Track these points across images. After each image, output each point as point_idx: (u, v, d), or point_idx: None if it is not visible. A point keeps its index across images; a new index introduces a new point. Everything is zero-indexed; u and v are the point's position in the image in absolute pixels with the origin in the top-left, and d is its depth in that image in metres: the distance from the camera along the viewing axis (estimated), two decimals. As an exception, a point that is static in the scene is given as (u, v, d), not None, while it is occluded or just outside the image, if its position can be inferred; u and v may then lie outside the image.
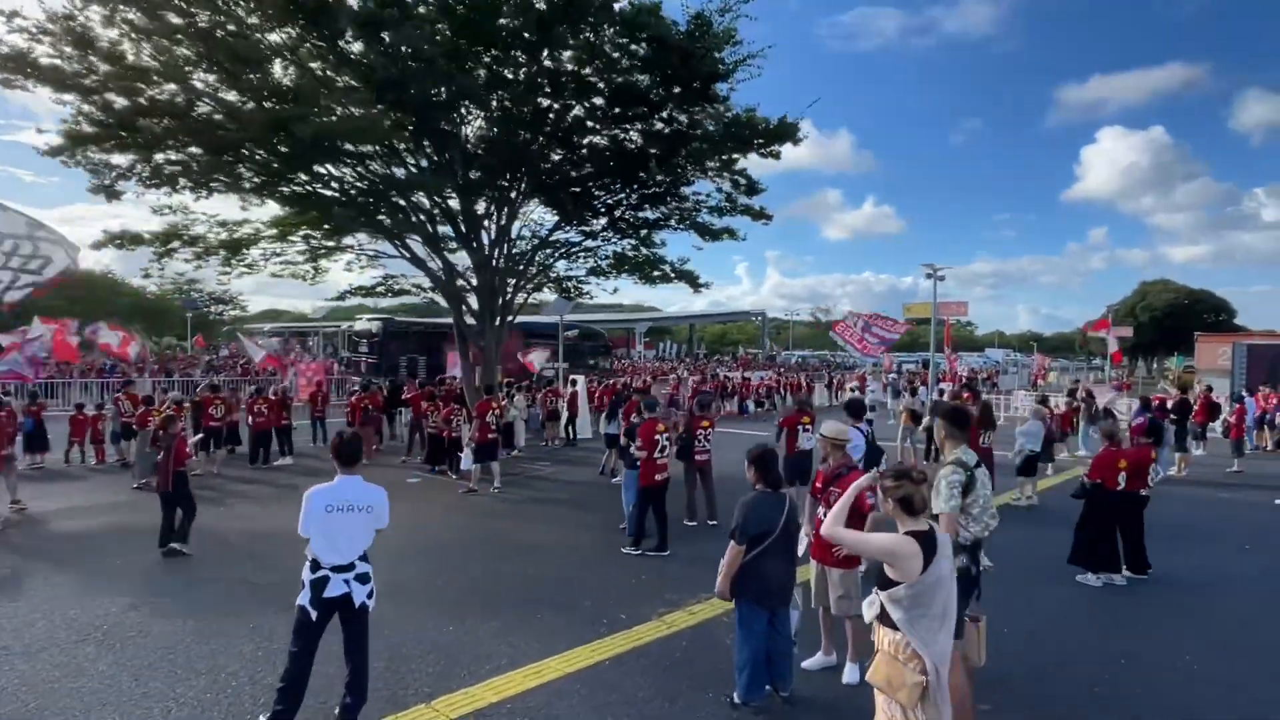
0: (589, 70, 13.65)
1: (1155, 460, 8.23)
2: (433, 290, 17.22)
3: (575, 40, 12.97)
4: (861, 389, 24.22)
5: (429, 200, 15.71)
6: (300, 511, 4.39)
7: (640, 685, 5.12)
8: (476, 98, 13.60)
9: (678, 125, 14.73)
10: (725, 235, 17.26)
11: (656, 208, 17.04)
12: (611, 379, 25.87)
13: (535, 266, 18.22)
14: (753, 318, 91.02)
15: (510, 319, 17.69)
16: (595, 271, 18.80)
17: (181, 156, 13.00)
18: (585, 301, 24.26)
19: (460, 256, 17.05)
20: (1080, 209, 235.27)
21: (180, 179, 13.41)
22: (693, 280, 18.28)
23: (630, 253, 18.09)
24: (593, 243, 18.21)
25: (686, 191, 16.79)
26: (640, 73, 13.66)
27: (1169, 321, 64.70)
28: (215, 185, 13.64)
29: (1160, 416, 12.59)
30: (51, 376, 26.67)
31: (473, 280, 16.81)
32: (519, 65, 13.73)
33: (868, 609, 3.43)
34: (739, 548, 4.61)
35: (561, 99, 14.29)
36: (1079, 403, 17.34)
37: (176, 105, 11.61)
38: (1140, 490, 7.85)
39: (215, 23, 11.66)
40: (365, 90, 12.39)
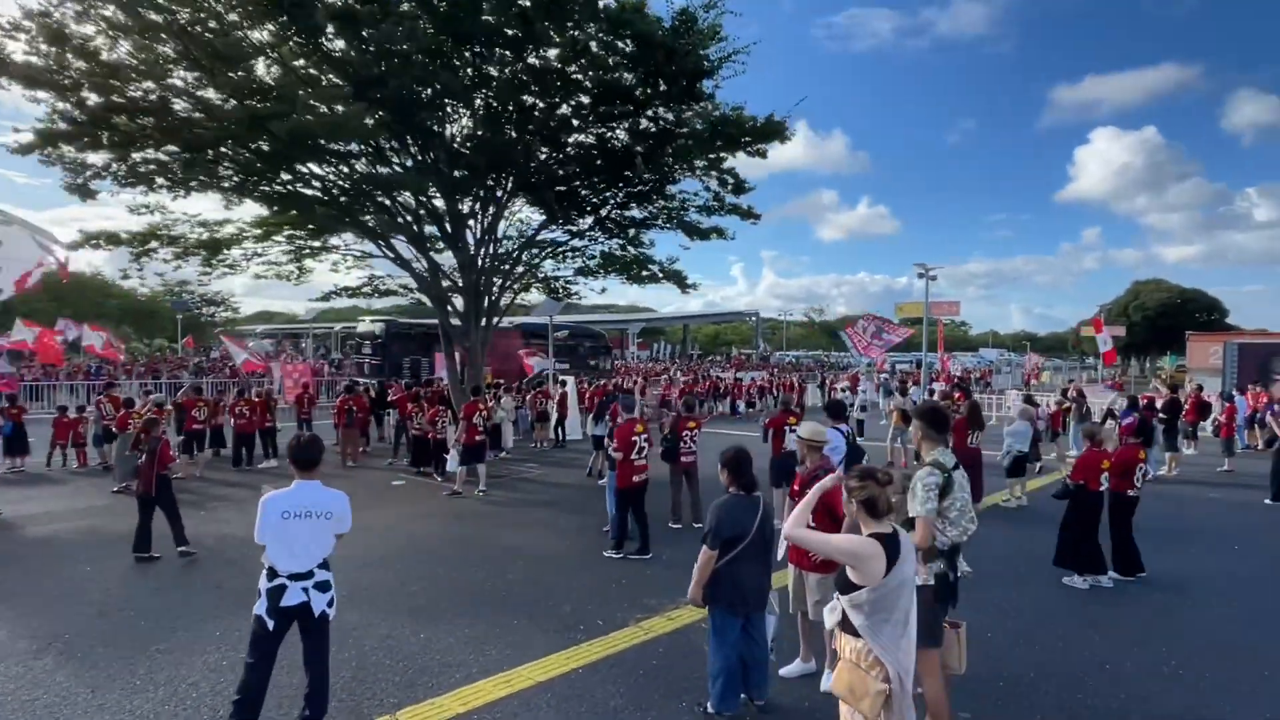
0: (574, 68, 13.51)
1: (1144, 460, 8.08)
2: (419, 291, 17.04)
3: (560, 37, 12.83)
4: (853, 389, 24.05)
5: (414, 199, 15.56)
6: (256, 518, 4.25)
7: (613, 694, 4.99)
8: (460, 95, 13.46)
9: (664, 123, 14.60)
10: (714, 235, 17.12)
11: (643, 206, 16.89)
12: (603, 379, 25.71)
13: (522, 266, 18.06)
14: (747, 318, 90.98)
15: (497, 320, 17.53)
16: (583, 271, 18.64)
17: (159, 155, 12.81)
18: (580, 302, 24.15)
19: (446, 257, 16.92)
20: (1074, 209, 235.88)
21: (157, 178, 13.22)
22: (680, 281, 18.13)
23: (618, 252, 17.94)
24: (580, 242, 18.06)
25: (673, 190, 16.66)
26: (626, 70, 13.53)
27: (1162, 321, 64.80)
28: (193, 184, 13.44)
29: (1149, 415, 12.48)
30: (37, 379, 26.47)
31: (459, 280, 16.65)
32: (504, 63, 13.58)
33: (829, 615, 3.33)
34: (711, 552, 4.48)
35: (547, 97, 14.15)
36: (1070, 402, 17.26)
37: (152, 103, 11.42)
38: (1127, 491, 7.74)
39: (195, 19, 11.50)
40: (349, 88, 12.24)
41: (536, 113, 14.43)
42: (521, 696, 4.94)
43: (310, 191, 14.69)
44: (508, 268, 17.42)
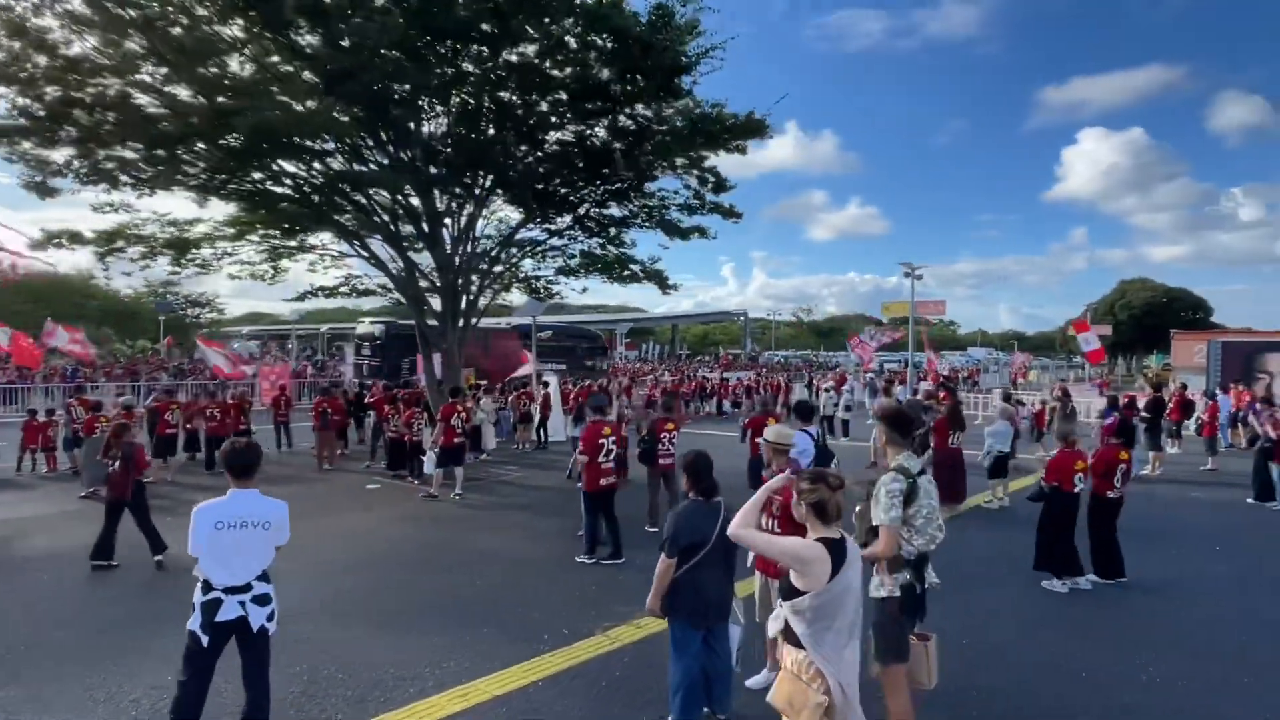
0: (550, 64, 13.31)
1: (1128, 460, 7.90)
2: (396, 290, 16.78)
3: (536, 33, 12.64)
4: (838, 388, 23.89)
5: (390, 198, 15.31)
6: (189, 530, 4.05)
7: (571, 707, 4.80)
8: (434, 91, 13.23)
9: (643, 120, 14.41)
10: (695, 234, 16.93)
11: (623, 204, 16.69)
12: (589, 380, 25.52)
13: (501, 265, 17.83)
14: (735, 318, 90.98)
15: (475, 320, 17.29)
16: (564, 271, 18.43)
17: (123, 153, 12.51)
18: (568, 303, 23.93)
19: (424, 257, 16.65)
20: (1062, 209, 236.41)
21: (121, 175, 12.92)
22: (661, 281, 17.95)
23: (599, 252, 17.74)
24: (559, 241, 17.84)
25: (653, 188, 16.48)
26: (604, 66, 13.34)
27: (1148, 320, 65.16)
28: (158, 182, 13.15)
29: (1129, 415, 12.40)
30: (11, 381, 26.03)
31: (436, 281, 16.41)
32: (480, 59, 13.37)
33: (772, 623, 3.20)
34: (669, 561, 4.30)
35: (525, 94, 13.94)
36: (1054, 402, 17.18)
37: (112, 98, 11.14)
38: (1108, 493, 7.61)
39: (162, 14, 11.24)
40: (320, 83, 12.01)
41: (514, 110, 14.22)
42: (477, 711, 4.75)
43: (281, 190, 14.42)
44: (485, 267, 17.19)
